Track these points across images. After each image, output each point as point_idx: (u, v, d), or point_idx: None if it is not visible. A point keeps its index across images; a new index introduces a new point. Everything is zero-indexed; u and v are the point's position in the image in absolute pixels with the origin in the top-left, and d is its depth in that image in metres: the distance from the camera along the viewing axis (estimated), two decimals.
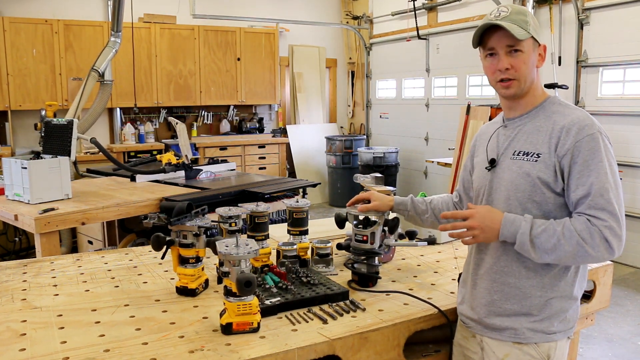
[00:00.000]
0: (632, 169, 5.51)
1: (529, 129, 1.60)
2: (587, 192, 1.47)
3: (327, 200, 8.81)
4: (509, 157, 1.61)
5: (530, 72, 1.58)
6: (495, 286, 1.62)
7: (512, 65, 1.57)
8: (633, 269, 5.49)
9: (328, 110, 9.70)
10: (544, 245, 1.47)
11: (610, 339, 3.97)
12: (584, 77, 5.90)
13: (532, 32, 1.56)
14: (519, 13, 1.57)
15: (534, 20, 1.59)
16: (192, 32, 7.69)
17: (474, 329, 1.68)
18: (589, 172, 1.47)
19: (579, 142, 1.48)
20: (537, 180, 1.53)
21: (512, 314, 1.58)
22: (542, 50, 1.61)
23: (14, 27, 6.55)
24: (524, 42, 1.55)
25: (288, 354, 1.46)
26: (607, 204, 1.45)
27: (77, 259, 2.32)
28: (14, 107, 6.65)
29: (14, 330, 1.59)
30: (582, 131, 1.49)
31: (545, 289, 1.56)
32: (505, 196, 1.59)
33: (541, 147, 1.54)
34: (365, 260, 1.95)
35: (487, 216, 1.55)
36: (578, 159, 1.48)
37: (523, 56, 1.56)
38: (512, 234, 1.51)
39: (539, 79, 1.64)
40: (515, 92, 1.60)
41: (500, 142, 1.66)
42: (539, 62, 1.61)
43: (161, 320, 1.66)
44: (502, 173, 1.62)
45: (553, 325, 1.56)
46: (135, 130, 7.62)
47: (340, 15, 9.50)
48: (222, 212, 2.04)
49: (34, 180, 3.39)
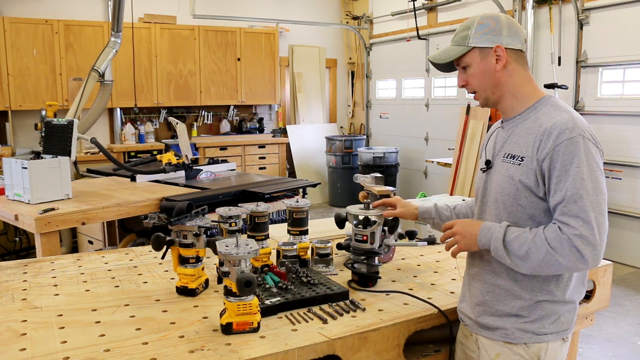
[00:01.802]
0: (632, 169, 5.50)
1: (520, 130, 1.58)
2: (562, 198, 1.44)
3: (327, 200, 8.82)
4: (500, 159, 1.61)
5: (485, 80, 1.59)
6: (487, 287, 1.63)
7: (466, 81, 1.63)
8: (633, 269, 5.49)
9: (328, 110, 9.71)
10: (516, 252, 1.47)
11: (610, 338, 3.97)
12: (583, 77, 5.90)
13: (474, 43, 1.57)
14: (463, 30, 1.61)
15: (484, 27, 1.57)
16: (192, 32, 7.70)
17: (470, 327, 1.69)
18: (565, 177, 1.43)
19: (558, 146, 1.45)
20: (520, 184, 1.52)
21: (504, 315, 1.59)
22: (500, 50, 1.56)
23: (14, 27, 6.55)
24: (465, 57, 1.59)
25: (288, 353, 1.46)
26: (580, 211, 1.40)
27: (78, 259, 2.32)
28: (14, 107, 6.65)
29: (14, 330, 1.59)
30: (561, 135, 1.45)
31: (534, 292, 1.55)
32: (495, 198, 1.61)
33: (526, 150, 1.52)
34: (365, 260, 1.96)
35: (468, 224, 1.62)
36: (557, 163, 1.45)
37: (471, 70, 1.60)
38: (488, 239, 1.53)
39: (518, 78, 1.60)
40: (482, 102, 1.64)
41: (497, 143, 1.66)
42: (498, 65, 1.57)
43: (161, 320, 1.66)
44: (494, 175, 1.63)
45: (544, 327, 1.56)
46: (136, 130, 7.62)
47: (340, 15, 9.50)
48: (222, 212, 2.04)
49: (35, 180, 3.39)
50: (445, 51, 1.64)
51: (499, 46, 1.56)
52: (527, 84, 1.61)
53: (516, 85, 1.60)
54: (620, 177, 5.61)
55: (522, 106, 1.60)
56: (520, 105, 1.60)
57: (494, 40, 1.57)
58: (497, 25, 1.58)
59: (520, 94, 1.60)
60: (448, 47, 1.64)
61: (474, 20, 1.60)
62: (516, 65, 1.59)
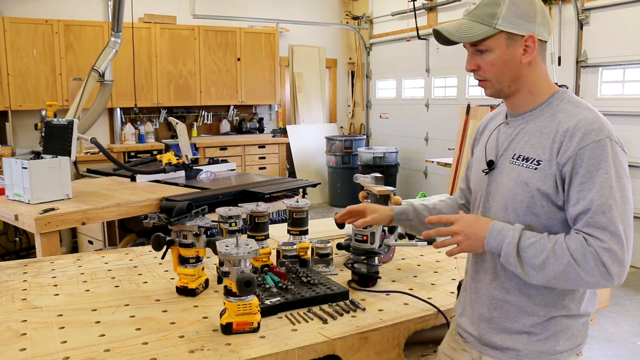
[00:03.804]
0: (632, 169, 5.50)
1: (531, 128, 1.39)
2: (587, 207, 1.26)
3: (327, 200, 8.82)
4: (508, 160, 1.42)
5: (505, 71, 1.38)
6: (495, 303, 1.45)
7: (480, 66, 1.40)
8: (633, 269, 5.50)
9: (328, 110, 9.71)
10: (531, 261, 1.28)
11: (610, 338, 3.97)
12: (583, 77, 5.90)
13: (503, 26, 1.33)
14: (489, 4, 1.35)
15: (518, 8, 1.34)
16: (192, 32, 7.70)
17: (472, 345, 1.52)
18: (591, 185, 1.26)
19: (583, 149, 1.27)
20: (536, 192, 1.34)
21: (514, 332, 1.42)
22: (530, 41, 1.35)
23: (14, 27, 6.55)
24: (488, 40, 1.35)
25: (288, 353, 1.46)
26: (609, 223, 1.24)
27: (78, 259, 2.32)
28: (14, 107, 6.65)
29: (14, 330, 1.59)
30: (587, 136, 1.28)
31: (548, 308, 1.39)
32: (503, 205, 1.41)
33: (542, 152, 1.34)
34: (365, 260, 1.96)
35: (474, 222, 1.38)
36: (580, 168, 1.27)
37: (491, 56, 1.37)
38: (499, 243, 1.32)
39: (539, 73, 1.41)
40: (492, 92, 1.44)
41: (501, 141, 1.47)
42: (524, 56, 1.36)
43: (161, 320, 1.66)
44: (501, 178, 1.43)
45: (559, 344, 1.40)
46: (136, 130, 7.62)
47: (340, 15, 9.50)
48: (222, 212, 2.04)
49: (35, 180, 3.39)
50: (463, 27, 1.37)
51: (532, 36, 1.35)
52: (545, 79, 1.42)
53: (536, 81, 1.41)
54: None
55: (536, 102, 1.41)
56: (534, 101, 1.42)
57: (527, 27, 1.34)
58: (533, 9, 1.35)
59: (535, 90, 1.41)
60: (466, 21, 1.38)
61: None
62: (539, 58, 1.40)
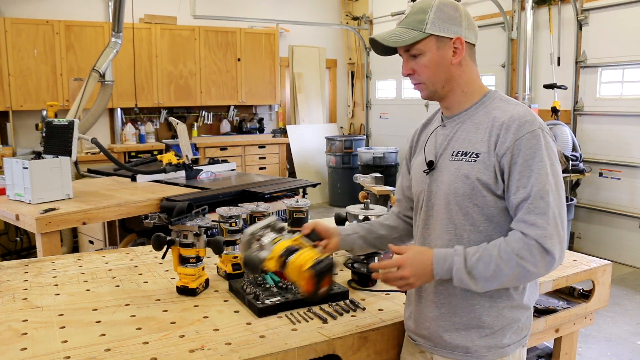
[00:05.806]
0: (631, 169, 5.51)
1: (467, 126, 1.47)
2: (527, 194, 1.35)
3: (327, 200, 8.82)
4: (448, 158, 1.48)
5: (438, 73, 1.45)
6: (442, 299, 1.49)
7: (414, 70, 1.47)
8: (632, 268, 5.50)
9: (328, 111, 9.71)
10: (483, 275, 1.35)
11: (609, 338, 3.97)
12: (582, 77, 5.90)
13: (432, 30, 1.42)
14: (418, 12, 1.44)
15: (444, 14, 1.43)
16: (193, 33, 7.70)
17: (422, 346, 1.56)
18: (529, 173, 1.35)
19: (519, 140, 1.36)
20: (477, 182, 1.40)
21: (462, 328, 1.46)
22: (459, 42, 1.43)
23: (15, 28, 6.56)
24: (420, 44, 1.43)
25: (288, 353, 1.47)
26: (547, 207, 1.33)
27: (78, 259, 2.33)
28: (15, 107, 6.65)
29: (15, 330, 1.60)
30: (522, 128, 1.36)
31: (494, 299, 1.45)
32: (445, 201, 1.47)
33: (480, 145, 1.42)
34: (365, 260, 1.96)
35: (417, 260, 1.41)
36: (518, 158, 1.36)
37: (424, 59, 1.44)
38: (447, 271, 1.38)
39: (470, 74, 1.49)
40: (427, 95, 1.50)
41: (439, 142, 1.53)
42: (454, 57, 1.44)
43: (162, 320, 1.66)
44: (441, 176, 1.49)
45: (506, 337, 1.46)
46: (136, 130, 7.63)
47: (340, 15, 9.51)
48: (223, 212, 2.05)
49: (35, 180, 3.40)
50: (396, 33, 1.45)
51: (459, 38, 1.44)
52: (477, 80, 1.51)
53: (468, 81, 1.49)
54: (619, 177, 5.63)
55: (469, 102, 1.49)
56: (468, 101, 1.49)
57: (454, 30, 1.43)
58: (457, 14, 1.44)
59: (468, 90, 1.49)
60: (398, 29, 1.46)
61: (432, 3, 1.44)
62: (469, 60, 1.49)
